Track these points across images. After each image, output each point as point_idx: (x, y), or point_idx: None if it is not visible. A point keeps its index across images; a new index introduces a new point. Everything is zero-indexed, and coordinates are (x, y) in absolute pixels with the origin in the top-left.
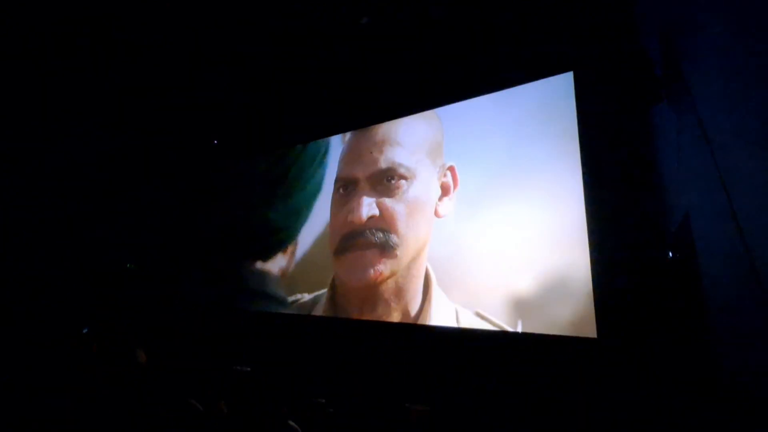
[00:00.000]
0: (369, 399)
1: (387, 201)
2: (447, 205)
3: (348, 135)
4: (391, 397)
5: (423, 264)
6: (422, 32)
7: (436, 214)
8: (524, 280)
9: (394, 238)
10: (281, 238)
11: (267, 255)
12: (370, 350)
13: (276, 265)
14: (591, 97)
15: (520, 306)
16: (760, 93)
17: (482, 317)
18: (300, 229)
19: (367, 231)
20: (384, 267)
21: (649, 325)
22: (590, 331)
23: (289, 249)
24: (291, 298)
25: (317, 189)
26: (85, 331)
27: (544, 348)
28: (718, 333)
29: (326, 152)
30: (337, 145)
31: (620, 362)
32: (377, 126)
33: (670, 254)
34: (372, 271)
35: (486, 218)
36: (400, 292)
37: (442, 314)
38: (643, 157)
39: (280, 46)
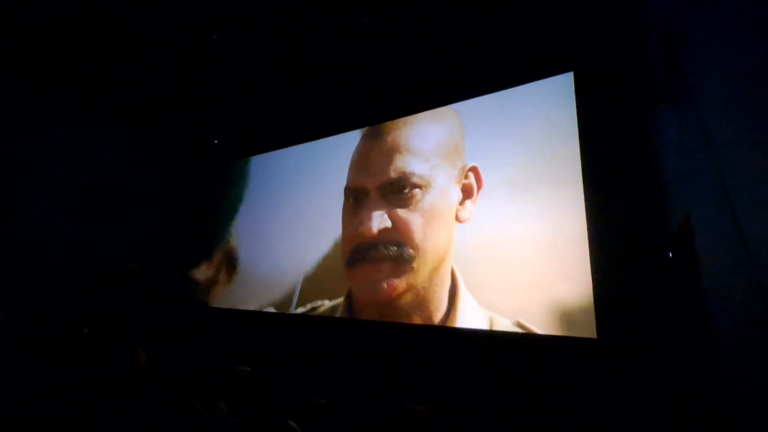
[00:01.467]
0: (369, 399)
1: (400, 212)
2: (470, 209)
3: (357, 141)
4: (391, 397)
5: (447, 272)
6: (422, 33)
7: (458, 219)
8: (530, 280)
9: (409, 251)
10: (208, 247)
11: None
12: (371, 350)
13: (201, 273)
14: (591, 97)
15: (562, 310)
16: (761, 93)
17: (523, 328)
18: (223, 241)
19: (380, 244)
20: (399, 281)
21: (648, 326)
22: (590, 332)
23: (216, 259)
24: (309, 305)
25: (236, 206)
26: (85, 331)
27: (545, 348)
28: (718, 333)
29: (246, 174)
30: (260, 167)
31: (620, 362)
32: (386, 132)
33: (670, 254)
34: (386, 285)
35: (503, 219)
36: (422, 304)
37: (472, 323)
38: (643, 157)
39: (280, 46)
